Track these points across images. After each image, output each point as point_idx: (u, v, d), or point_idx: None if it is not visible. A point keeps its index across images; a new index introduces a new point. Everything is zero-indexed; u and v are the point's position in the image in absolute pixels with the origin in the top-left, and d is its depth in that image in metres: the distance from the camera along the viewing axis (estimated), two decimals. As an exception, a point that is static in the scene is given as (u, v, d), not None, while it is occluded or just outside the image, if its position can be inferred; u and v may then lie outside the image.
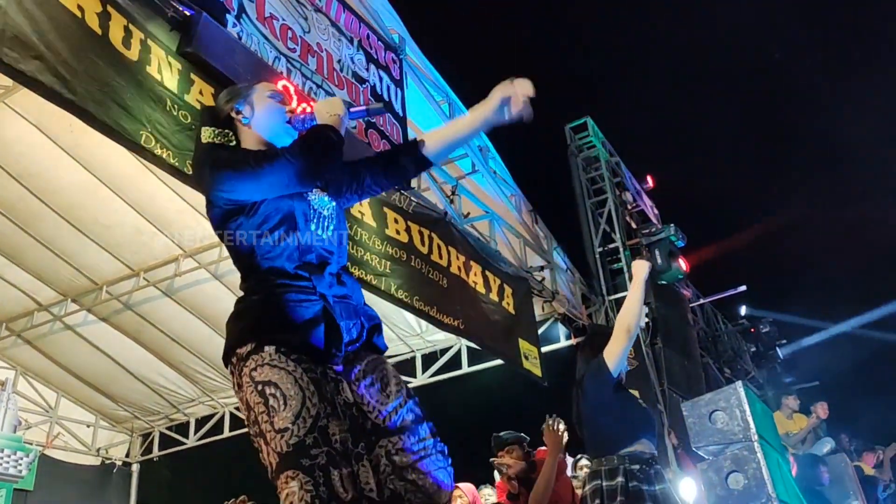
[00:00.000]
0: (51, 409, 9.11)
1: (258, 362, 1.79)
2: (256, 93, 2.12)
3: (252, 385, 1.77)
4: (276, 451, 1.69)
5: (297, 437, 1.68)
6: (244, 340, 1.85)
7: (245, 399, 1.80)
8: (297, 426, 1.70)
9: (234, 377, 1.87)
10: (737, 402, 5.13)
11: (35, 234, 6.81)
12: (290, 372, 1.77)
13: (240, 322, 1.92)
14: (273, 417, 1.71)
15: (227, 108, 2.11)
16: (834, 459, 6.92)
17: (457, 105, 7.14)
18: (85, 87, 3.51)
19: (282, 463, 1.68)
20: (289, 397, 1.73)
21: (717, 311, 11.62)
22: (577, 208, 9.33)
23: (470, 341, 7.23)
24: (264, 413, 1.73)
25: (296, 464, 1.66)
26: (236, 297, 6.65)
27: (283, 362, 1.78)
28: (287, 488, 1.65)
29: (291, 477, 1.65)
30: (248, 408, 1.80)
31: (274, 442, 1.70)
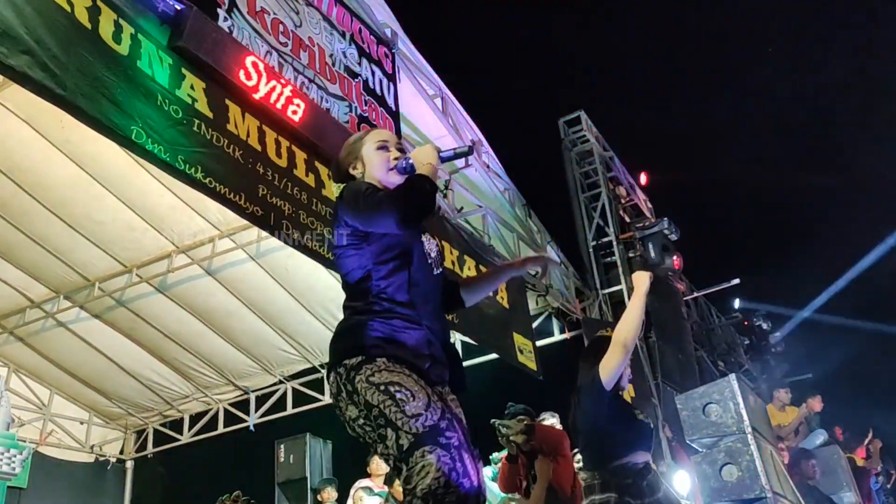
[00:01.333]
0: (44, 407, 9.07)
1: (374, 369, 1.95)
2: (365, 146, 2.33)
3: (372, 387, 1.92)
4: (412, 433, 1.84)
5: (433, 421, 1.86)
6: (354, 353, 2.00)
7: (362, 401, 1.93)
8: (429, 412, 1.87)
9: (341, 384, 2.00)
10: (730, 394, 5.15)
11: (26, 230, 6.77)
12: (408, 375, 1.95)
13: (348, 338, 2.07)
14: (404, 406, 1.87)
15: (344, 166, 2.36)
16: (827, 451, 6.97)
17: (449, 99, 7.12)
18: (75, 82, 3.48)
19: (417, 441, 1.82)
20: (415, 391, 1.90)
21: (710, 304, 11.65)
22: (571, 202, 9.34)
23: (465, 336, 7.22)
24: (392, 405, 1.88)
25: (434, 441, 1.82)
26: (230, 292, 6.62)
27: (400, 368, 1.96)
28: (423, 461, 1.79)
29: (429, 451, 1.80)
30: (366, 407, 1.92)
31: (408, 425, 1.84)
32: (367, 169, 2.30)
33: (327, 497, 7.24)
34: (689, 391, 5.73)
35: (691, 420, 5.26)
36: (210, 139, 4.23)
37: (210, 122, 4.28)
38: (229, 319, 8.20)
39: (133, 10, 4.02)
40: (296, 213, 4.68)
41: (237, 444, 9.57)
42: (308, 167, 4.98)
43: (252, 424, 9.36)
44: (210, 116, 4.30)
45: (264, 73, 4.58)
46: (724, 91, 17.09)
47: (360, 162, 2.31)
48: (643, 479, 3.25)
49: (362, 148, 2.33)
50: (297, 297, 7.94)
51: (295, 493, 8.41)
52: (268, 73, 4.62)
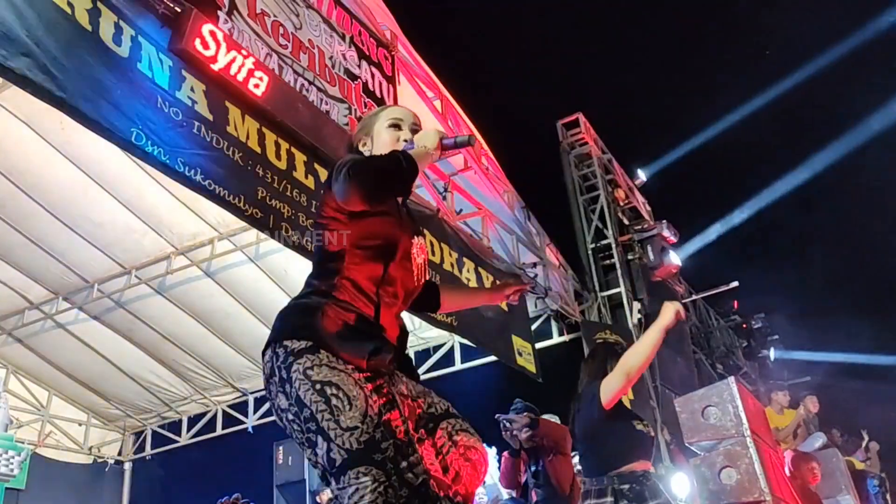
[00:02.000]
0: (42, 408, 9.07)
1: (314, 362, 1.81)
2: (378, 122, 2.22)
3: (308, 383, 1.79)
4: (345, 448, 1.74)
5: (368, 434, 1.74)
6: (299, 336, 1.87)
7: (294, 395, 1.81)
8: (366, 424, 1.75)
9: (276, 366, 1.86)
10: (729, 397, 5.14)
11: (25, 231, 6.77)
12: (349, 374, 1.81)
13: (300, 317, 1.94)
14: (339, 416, 1.75)
15: (354, 140, 2.24)
16: (825, 454, 6.96)
17: (449, 102, 7.13)
18: (75, 85, 3.49)
19: (351, 459, 1.73)
20: (352, 397, 1.77)
21: (709, 306, 11.66)
22: (570, 205, 9.34)
23: (463, 338, 7.23)
24: (326, 412, 1.76)
25: (368, 459, 1.73)
26: (229, 294, 6.57)
27: (342, 365, 1.83)
28: (358, 483, 1.71)
29: (364, 472, 1.71)
30: (298, 404, 1.80)
31: (341, 439, 1.74)
32: (374, 145, 2.18)
33: (325, 499, 7.24)
34: (687, 394, 5.73)
35: (690, 423, 5.25)
36: (210, 141, 4.23)
37: (210, 124, 4.28)
38: (228, 321, 8.20)
39: (133, 12, 4.03)
40: (295, 215, 4.68)
41: (235, 446, 9.57)
42: (307, 169, 4.99)
43: (251, 426, 9.35)
44: (210, 119, 4.30)
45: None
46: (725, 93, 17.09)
47: (370, 138, 2.20)
48: (641, 485, 3.26)
49: (375, 123, 2.22)
50: (295, 299, 7.93)
51: (293, 495, 8.40)
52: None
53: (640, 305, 8.66)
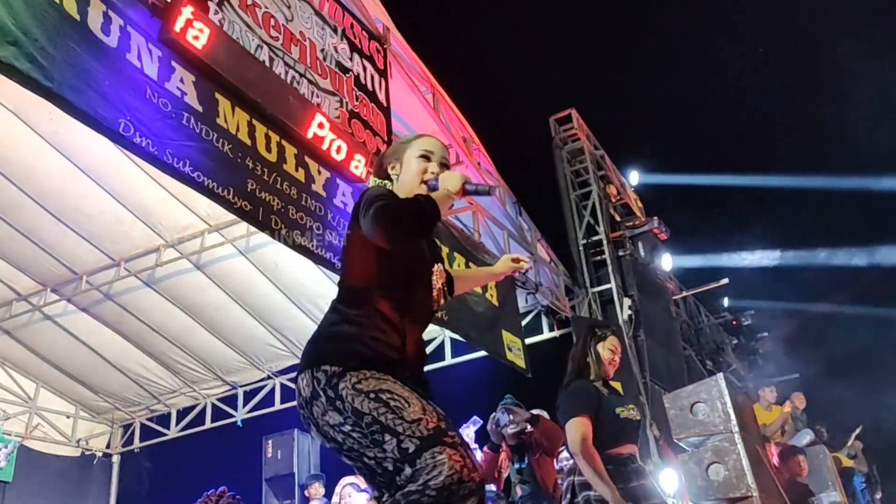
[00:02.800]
0: (30, 400, 9.02)
1: (360, 377, 1.94)
2: (410, 150, 2.29)
3: (361, 395, 1.91)
4: (416, 437, 1.85)
5: (434, 423, 1.88)
6: (336, 362, 1.98)
7: (349, 408, 1.91)
8: (429, 415, 1.89)
9: (319, 389, 1.97)
10: (718, 394, 5.16)
11: (14, 222, 6.72)
12: (394, 382, 1.95)
13: (334, 344, 2.05)
14: (402, 413, 1.88)
15: (385, 163, 2.33)
16: (813, 451, 7.00)
17: (441, 96, 7.11)
18: (62, 74, 3.45)
19: (424, 444, 1.84)
20: (407, 398, 1.91)
21: (699, 303, 11.69)
22: (562, 201, 9.34)
23: (454, 333, 7.23)
24: (387, 412, 1.88)
25: (441, 441, 1.85)
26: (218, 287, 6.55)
27: (385, 377, 1.96)
28: (435, 460, 1.81)
29: (439, 452, 1.82)
30: (355, 414, 1.91)
31: (410, 430, 1.86)
32: (402, 172, 2.27)
33: (315, 492, 7.24)
34: (676, 390, 5.74)
35: (679, 419, 5.26)
36: (199, 133, 4.21)
37: (199, 115, 4.25)
38: (217, 314, 8.18)
39: (122, 2, 3.99)
40: (285, 208, 4.66)
41: (224, 440, 9.55)
42: (298, 162, 4.97)
43: (240, 420, 9.33)
44: (199, 110, 4.27)
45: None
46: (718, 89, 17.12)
47: (400, 164, 2.29)
48: (626, 466, 3.31)
49: (406, 151, 2.30)
50: (285, 293, 7.92)
51: (282, 488, 8.40)
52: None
53: (631, 301, 8.68)
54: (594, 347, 3.58)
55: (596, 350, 3.58)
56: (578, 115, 9.84)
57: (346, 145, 5.17)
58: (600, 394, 3.46)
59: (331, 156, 5.09)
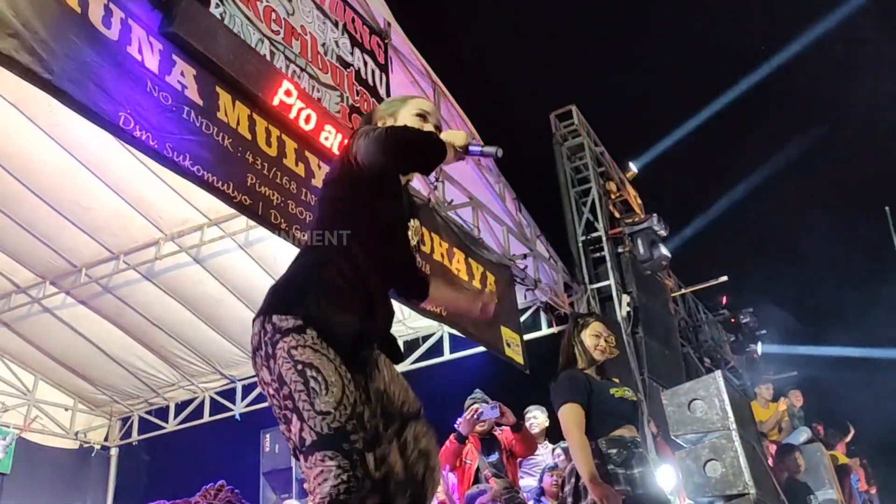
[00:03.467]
0: (28, 392, 9.02)
1: (299, 342, 1.85)
2: (406, 107, 2.27)
3: (290, 362, 1.84)
4: (316, 431, 1.78)
5: (339, 423, 1.79)
6: (287, 311, 1.90)
7: (277, 370, 1.86)
8: (338, 412, 1.80)
9: (263, 340, 1.91)
10: (716, 391, 5.17)
11: (13, 214, 6.71)
12: (331, 360, 1.85)
13: (290, 292, 1.97)
14: (314, 399, 1.80)
15: (376, 118, 2.28)
16: (810, 449, 7.02)
17: (441, 91, 7.10)
18: (62, 67, 3.44)
19: (319, 443, 1.79)
20: (330, 384, 1.82)
21: (698, 300, 11.70)
22: (561, 197, 9.34)
23: (452, 328, 7.23)
24: (303, 392, 1.81)
25: (336, 446, 1.78)
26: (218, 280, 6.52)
27: (325, 349, 1.85)
28: (323, 465, 1.77)
29: (330, 458, 1.77)
30: (279, 381, 1.85)
31: (313, 421, 1.79)
32: None
33: (313, 487, 7.25)
34: (674, 387, 5.76)
35: (676, 416, 5.28)
36: (200, 127, 4.20)
37: (200, 109, 4.25)
38: (217, 308, 8.17)
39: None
40: (284, 202, 4.66)
41: (223, 433, 9.55)
42: (298, 157, 4.96)
43: (238, 413, 9.34)
44: (200, 104, 4.26)
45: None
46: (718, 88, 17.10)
47: (395, 120, 2.25)
48: (629, 451, 3.31)
49: (402, 108, 2.27)
50: (285, 287, 7.91)
51: (280, 482, 8.41)
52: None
53: (630, 298, 8.69)
54: (578, 337, 3.60)
55: (580, 338, 3.59)
56: (579, 112, 9.83)
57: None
58: (590, 379, 3.48)
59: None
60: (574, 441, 3.27)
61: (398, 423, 1.98)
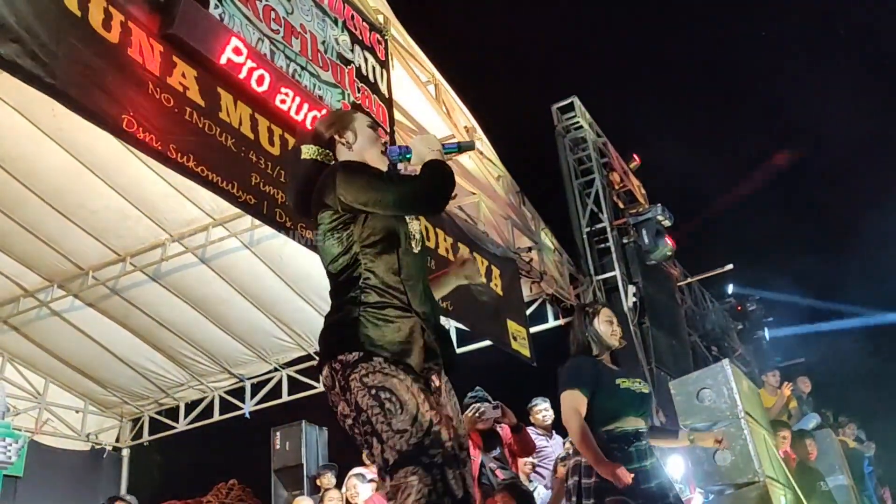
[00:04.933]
0: (39, 396, 9.07)
1: (369, 370, 1.93)
2: (358, 121, 2.33)
3: (364, 389, 1.91)
4: (396, 450, 1.84)
5: (417, 438, 1.85)
6: (349, 348, 1.97)
7: (353, 401, 1.93)
8: (415, 429, 1.86)
9: (336, 379, 1.98)
10: (724, 379, 5.19)
11: (19, 219, 6.74)
12: (402, 380, 1.92)
13: (342, 330, 2.04)
14: (390, 419, 1.87)
15: (330, 132, 2.30)
16: (820, 434, 7.01)
17: (443, 86, 7.10)
18: (64, 71, 3.46)
19: (401, 460, 1.84)
20: (404, 402, 1.89)
21: (704, 289, 11.69)
22: (565, 189, 9.34)
23: (458, 322, 7.24)
24: (380, 415, 1.88)
25: (416, 461, 1.83)
26: (224, 280, 6.55)
27: (394, 371, 1.93)
28: (405, 482, 1.81)
29: (412, 472, 1.82)
30: (356, 409, 1.93)
31: (392, 441, 1.85)
32: (359, 142, 2.27)
33: (325, 483, 7.29)
34: (682, 376, 5.76)
35: (685, 405, 5.29)
36: (202, 127, 4.22)
37: (202, 110, 4.26)
38: (223, 307, 8.20)
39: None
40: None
41: (233, 432, 9.60)
42: (301, 155, 4.96)
43: (248, 412, 9.38)
44: (202, 105, 4.28)
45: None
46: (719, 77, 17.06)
47: (353, 133, 2.29)
48: (630, 444, 3.26)
49: (355, 122, 2.32)
50: (291, 285, 7.94)
51: (291, 479, 8.44)
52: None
53: (635, 288, 8.68)
54: (591, 325, 3.55)
55: (594, 327, 3.54)
56: (581, 103, 9.82)
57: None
58: (600, 367, 3.44)
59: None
60: (574, 427, 3.22)
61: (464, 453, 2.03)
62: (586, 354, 3.50)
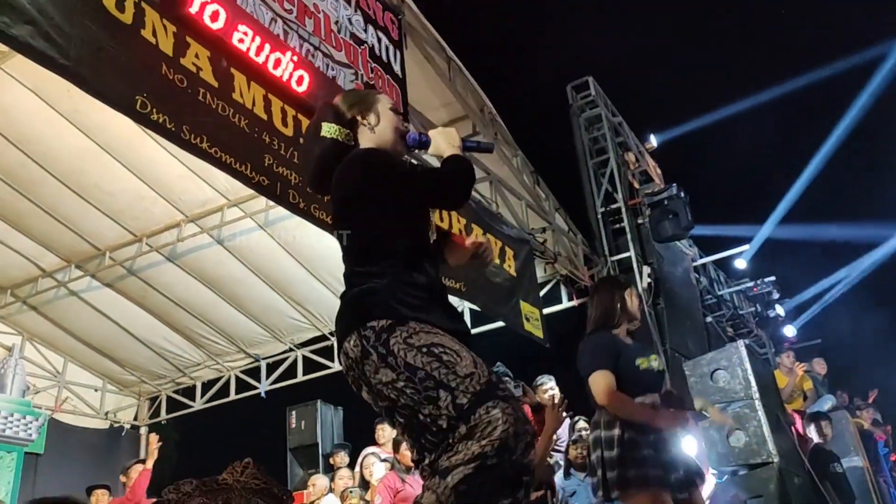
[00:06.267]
0: (58, 374, 9.20)
1: (410, 331, 1.92)
2: (381, 103, 2.30)
3: (413, 349, 1.90)
4: (470, 392, 1.84)
5: (485, 377, 1.87)
6: (378, 315, 1.96)
7: (401, 363, 1.90)
8: (479, 370, 1.88)
9: (369, 347, 1.94)
10: (738, 360, 5.16)
11: (37, 200, 6.81)
12: (444, 335, 1.94)
13: (372, 299, 2.01)
14: (455, 368, 1.87)
15: (353, 112, 2.27)
16: (835, 416, 6.98)
17: (457, 66, 7.05)
18: (78, 52, 3.47)
19: (478, 399, 1.84)
20: (458, 350, 1.91)
21: (719, 270, 11.61)
22: (579, 169, 9.27)
23: (471, 303, 7.25)
24: (441, 367, 1.87)
25: (493, 395, 1.85)
26: (239, 261, 6.57)
27: (434, 330, 1.94)
28: (489, 415, 1.81)
29: (492, 406, 1.82)
30: (409, 370, 1.89)
31: (463, 385, 1.85)
32: (381, 125, 2.26)
33: (339, 461, 7.36)
34: (696, 358, 5.74)
35: (699, 386, 5.28)
36: (215, 108, 4.22)
37: (215, 91, 4.26)
38: (239, 288, 8.26)
39: (136, -22, 3.98)
40: (301, 182, 4.67)
41: (249, 411, 9.69)
42: (314, 136, 4.95)
43: (263, 391, 9.47)
44: (215, 85, 4.28)
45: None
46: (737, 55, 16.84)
47: (375, 115, 2.27)
48: None
49: (378, 103, 2.30)
50: (305, 266, 7.98)
51: (306, 458, 8.53)
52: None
53: (650, 269, 8.64)
54: (622, 297, 3.56)
55: (623, 299, 3.55)
56: (595, 82, 9.72)
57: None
58: (621, 344, 3.45)
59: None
60: (617, 404, 3.25)
61: None
62: (606, 328, 3.49)
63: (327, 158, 2.21)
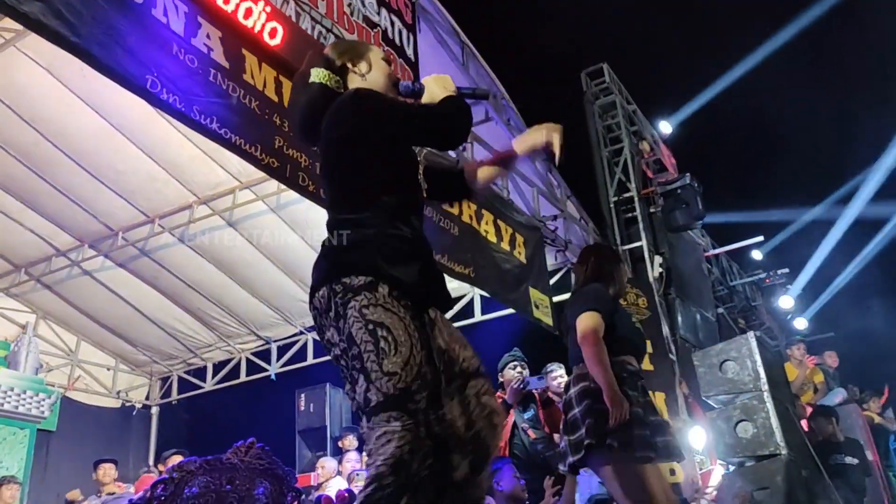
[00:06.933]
0: (71, 353, 9.29)
1: (371, 301, 1.87)
2: (373, 53, 2.26)
3: (361, 321, 1.85)
4: (382, 392, 1.80)
5: (405, 383, 1.80)
6: (356, 271, 1.91)
7: (347, 331, 1.87)
8: (405, 372, 1.81)
9: (333, 301, 1.92)
10: (748, 352, 5.13)
11: (51, 179, 6.84)
12: (401, 318, 1.87)
13: (352, 252, 1.97)
14: (382, 360, 1.82)
15: (343, 59, 2.23)
16: (845, 410, 6.94)
17: (470, 51, 7.01)
18: (89, 30, 3.47)
19: (386, 403, 1.80)
20: (399, 343, 1.84)
21: (732, 261, 11.55)
22: (593, 156, 9.22)
23: (481, 289, 7.24)
24: (372, 353, 1.83)
25: (401, 406, 1.79)
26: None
27: (395, 307, 1.87)
28: (388, 426, 1.78)
29: (395, 418, 1.78)
30: (349, 340, 1.87)
31: (380, 382, 1.81)
32: (373, 73, 2.21)
33: (348, 444, 7.40)
34: (706, 348, 5.72)
35: (708, 377, 5.25)
36: (226, 89, 4.22)
37: (226, 71, 4.26)
38: (250, 270, 8.29)
39: (148, -43, 3.97)
40: (312, 164, 4.67)
41: (259, 393, 9.75)
42: (325, 118, 4.94)
43: (273, 373, 9.52)
44: (226, 66, 4.27)
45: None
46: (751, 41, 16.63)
47: (367, 63, 2.22)
48: (639, 378, 3.26)
49: (370, 52, 2.26)
50: (316, 249, 7.92)
51: (315, 440, 8.59)
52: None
53: (662, 259, 8.59)
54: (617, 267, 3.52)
55: (619, 268, 3.52)
56: (610, 69, 9.64)
57: None
58: (617, 301, 3.42)
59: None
60: (592, 348, 3.10)
61: (459, 380, 1.99)
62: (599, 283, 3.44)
63: (316, 105, 2.15)
